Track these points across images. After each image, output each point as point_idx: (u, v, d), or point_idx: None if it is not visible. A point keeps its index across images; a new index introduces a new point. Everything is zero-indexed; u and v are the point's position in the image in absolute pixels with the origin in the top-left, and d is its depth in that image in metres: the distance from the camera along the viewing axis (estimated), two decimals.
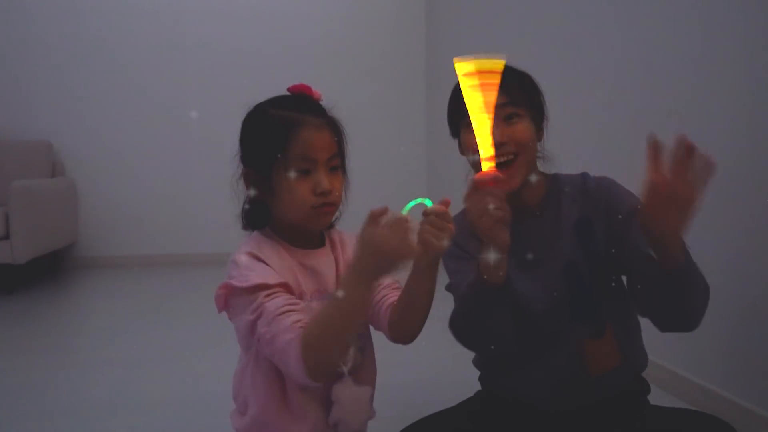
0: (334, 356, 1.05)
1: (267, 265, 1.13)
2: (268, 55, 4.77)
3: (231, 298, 1.12)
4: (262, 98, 1.25)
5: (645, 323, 1.26)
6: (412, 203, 1.05)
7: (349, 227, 1.29)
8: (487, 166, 1.07)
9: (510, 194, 1.17)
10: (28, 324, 3.10)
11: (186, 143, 4.73)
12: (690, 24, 1.89)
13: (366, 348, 1.27)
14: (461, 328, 1.24)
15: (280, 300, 1.07)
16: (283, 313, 1.05)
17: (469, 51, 1.07)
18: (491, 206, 1.04)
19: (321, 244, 1.28)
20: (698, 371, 1.89)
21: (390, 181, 4.83)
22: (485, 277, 1.13)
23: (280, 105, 1.19)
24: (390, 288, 1.25)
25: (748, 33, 1.67)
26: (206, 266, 4.29)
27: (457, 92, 1.31)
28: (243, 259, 1.14)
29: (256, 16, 4.82)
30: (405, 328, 1.19)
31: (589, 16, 2.47)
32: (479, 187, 1.06)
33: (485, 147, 1.08)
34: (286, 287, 1.11)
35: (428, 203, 1.06)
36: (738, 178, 1.68)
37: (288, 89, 1.23)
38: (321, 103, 1.23)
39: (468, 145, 1.28)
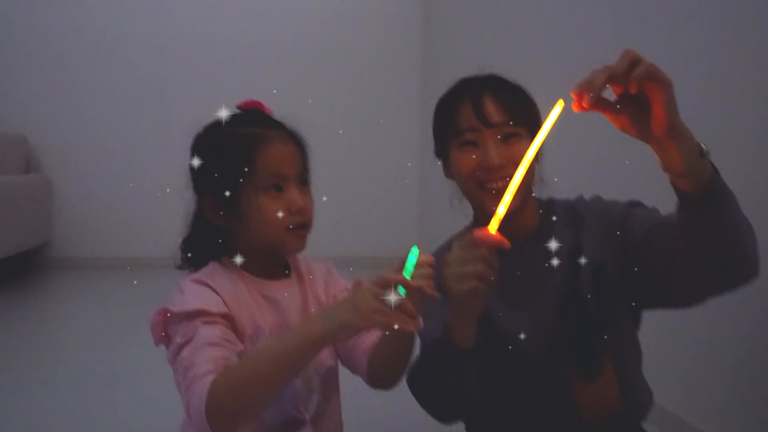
0: (243, 409, 0.89)
1: (216, 293, 1.02)
2: (256, 52, 4.63)
3: (169, 326, 1.00)
4: (248, 96, 1.18)
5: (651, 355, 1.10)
6: (411, 261, 0.91)
7: (333, 235, 1.14)
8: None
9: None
10: None
11: (169, 142, 4.53)
12: (696, 28, 1.78)
13: (331, 395, 1.14)
14: (419, 386, 1.11)
15: (217, 330, 0.96)
16: (214, 344, 0.94)
17: (468, 54, 0.91)
18: (478, 272, 0.91)
19: (286, 274, 1.15)
20: (705, 419, 1.73)
21: (379, 188, 4.71)
22: (451, 339, 1.02)
23: (236, 123, 1.09)
24: None
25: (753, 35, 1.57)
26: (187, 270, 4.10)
27: (444, 104, 1.18)
28: (189, 285, 1.03)
29: (246, 12, 4.66)
30: (385, 373, 1.08)
31: (590, 17, 2.37)
32: (476, 246, 0.92)
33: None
34: (228, 319, 1.00)
35: (415, 251, 0.92)
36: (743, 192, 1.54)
37: (237, 106, 1.14)
38: (276, 117, 1.14)
39: (458, 167, 1.14)
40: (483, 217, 1.16)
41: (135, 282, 3.98)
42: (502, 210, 0.93)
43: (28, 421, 1.93)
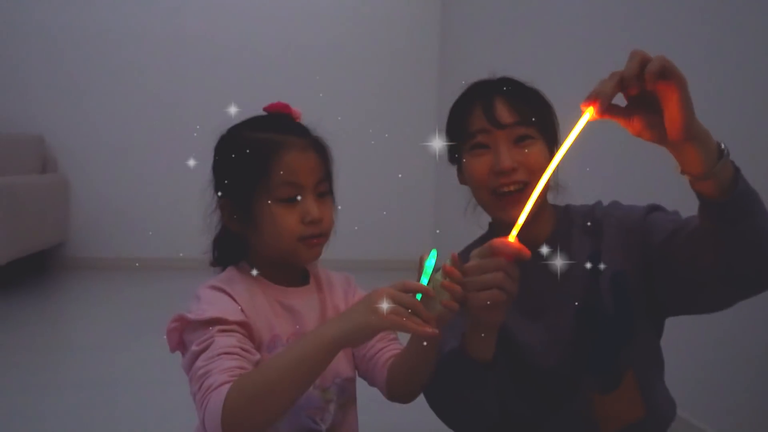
0: (260, 419, 0.87)
1: (234, 300, 1.00)
2: (272, 53, 4.60)
3: (185, 333, 0.98)
4: (265, 98, 1.17)
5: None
6: (430, 264, 0.91)
7: (350, 239, 1.13)
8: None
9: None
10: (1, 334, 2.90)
11: (186, 142, 4.52)
12: (719, 29, 1.72)
13: (348, 406, 1.12)
14: (437, 398, 1.09)
15: (234, 340, 0.95)
16: (230, 354, 0.92)
17: (486, 57, 0.90)
18: (497, 281, 0.89)
19: (305, 281, 1.13)
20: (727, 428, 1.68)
21: (396, 190, 4.68)
22: (469, 351, 0.99)
23: (257, 126, 1.07)
24: (387, 340, 1.10)
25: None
26: (205, 271, 4.04)
27: (456, 109, 1.16)
28: (206, 292, 1.01)
29: (262, 12, 4.64)
30: (405, 386, 1.05)
31: (609, 20, 2.32)
32: (496, 254, 0.90)
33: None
34: (246, 327, 0.98)
35: (434, 255, 0.92)
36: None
37: (264, 108, 1.11)
38: (302, 122, 1.12)
39: (470, 172, 1.12)
40: (498, 223, 1.14)
41: (151, 282, 3.98)
42: (521, 219, 0.90)
43: (44, 420, 1.91)
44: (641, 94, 0.80)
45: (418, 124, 4.70)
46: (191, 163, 1.17)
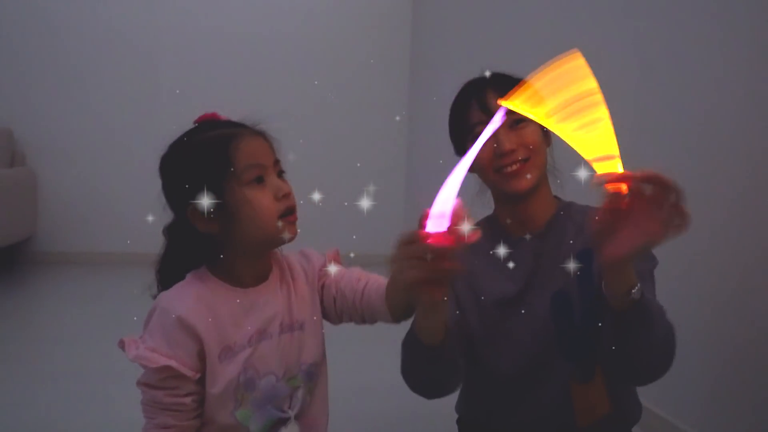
0: None
1: (183, 323, 1.03)
2: (245, 48, 4.59)
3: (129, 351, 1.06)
4: (239, 88, 1.13)
5: None
6: None
7: (325, 234, 1.14)
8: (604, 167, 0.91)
9: (517, 207, 1.21)
10: None
11: (156, 135, 4.45)
12: (685, 27, 1.76)
13: (317, 388, 1.15)
14: (405, 374, 1.14)
15: (162, 394, 1.04)
16: (166, 410, 1.03)
17: (457, 51, 0.91)
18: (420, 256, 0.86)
19: (266, 276, 1.14)
20: (696, 421, 1.73)
21: (366, 183, 4.68)
22: (418, 333, 1.01)
23: (200, 132, 1.08)
24: (365, 273, 1.15)
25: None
26: None
27: (455, 107, 1.25)
28: (155, 323, 1.05)
29: (234, 7, 4.63)
30: (405, 306, 1.04)
31: (583, 14, 2.36)
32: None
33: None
34: (182, 362, 1.03)
35: None
36: (743, 213, 1.55)
37: (195, 121, 1.13)
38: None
39: (476, 158, 1.13)
40: (503, 200, 1.23)
41: (120, 277, 3.93)
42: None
43: (11, 414, 1.91)
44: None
45: (388, 115, 4.74)
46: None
